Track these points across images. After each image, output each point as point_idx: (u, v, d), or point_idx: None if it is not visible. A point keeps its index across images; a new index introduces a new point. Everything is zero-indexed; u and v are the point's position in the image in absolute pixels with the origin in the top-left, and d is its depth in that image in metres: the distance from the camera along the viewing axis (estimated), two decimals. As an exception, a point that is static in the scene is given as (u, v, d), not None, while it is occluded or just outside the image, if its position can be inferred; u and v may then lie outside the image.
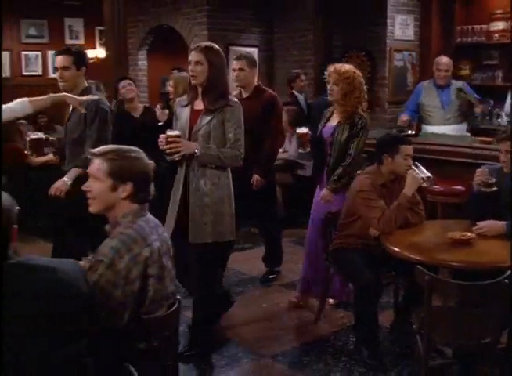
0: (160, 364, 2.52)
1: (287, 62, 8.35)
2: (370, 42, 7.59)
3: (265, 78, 8.34)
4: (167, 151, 3.55)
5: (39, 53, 9.72)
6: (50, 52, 9.74)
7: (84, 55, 4.48)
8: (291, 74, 7.40)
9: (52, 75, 9.80)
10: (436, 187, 4.92)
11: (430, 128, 6.13)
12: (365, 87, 4.36)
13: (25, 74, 9.36)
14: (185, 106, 3.76)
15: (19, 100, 3.70)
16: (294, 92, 7.22)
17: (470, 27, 7.61)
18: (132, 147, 2.54)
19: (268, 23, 8.41)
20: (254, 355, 3.94)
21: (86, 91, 4.21)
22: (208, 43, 3.76)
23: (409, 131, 5.73)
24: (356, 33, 7.73)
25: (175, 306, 2.57)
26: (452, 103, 6.08)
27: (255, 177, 4.92)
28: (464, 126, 6.24)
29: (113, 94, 5.80)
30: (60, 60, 4.20)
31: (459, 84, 6.22)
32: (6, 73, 9.15)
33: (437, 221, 4.56)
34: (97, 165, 2.40)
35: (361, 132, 4.23)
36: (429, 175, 3.83)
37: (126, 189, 2.40)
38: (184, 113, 3.74)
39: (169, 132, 3.57)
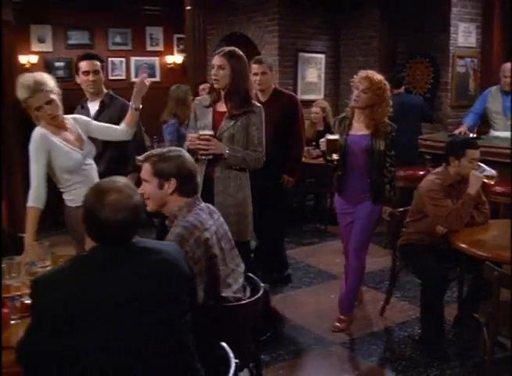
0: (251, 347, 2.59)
1: (352, 67, 8.28)
2: (434, 49, 7.47)
3: (331, 83, 8.35)
4: (200, 151, 3.46)
5: (123, 59, 9.96)
6: (133, 58, 10.02)
7: (104, 61, 4.31)
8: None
9: (134, 79, 10.07)
10: (498, 188, 4.85)
11: (495, 133, 6.00)
12: (390, 100, 3.98)
13: (111, 78, 9.57)
14: (207, 107, 3.67)
15: (118, 129, 3.66)
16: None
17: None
18: (172, 147, 2.70)
19: (334, 31, 8.38)
20: (324, 342, 3.99)
21: (108, 95, 4.09)
22: (231, 48, 3.64)
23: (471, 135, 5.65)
24: (420, 40, 7.63)
25: (261, 292, 2.64)
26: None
27: (285, 176, 4.73)
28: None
29: (193, 96, 5.91)
30: (92, 64, 4.03)
31: None
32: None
33: (501, 220, 4.48)
34: (144, 169, 2.57)
35: (394, 140, 3.98)
36: (493, 172, 3.81)
37: (171, 185, 2.52)
38: (207, 115, 3.65)
39: (202, 132, 3.50)
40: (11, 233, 3.56)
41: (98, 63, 4.05)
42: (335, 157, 3.91)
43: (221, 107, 3.61)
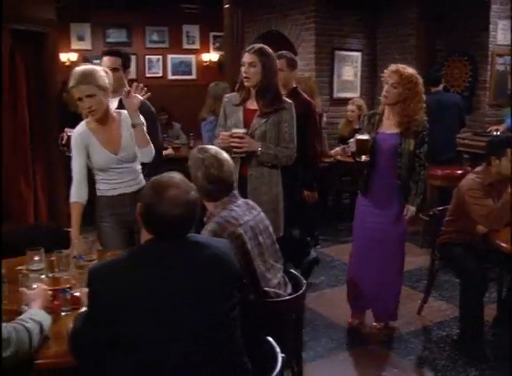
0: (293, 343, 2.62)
1: (389, 66, 8.24)
2: (472, 47, 7.37)
3: (367, 81, 8.30)
4: (234, 149, 3.43)
5: (160, 57, 10.08)
6: (169, 56, 10.12)
7: (129, 58, 4.24)
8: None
9: (170, 77, 10.19)
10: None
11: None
12: (424, 96, 3.78)
13: (148, 75, 9.71)
14: (237, 105, 3.65)
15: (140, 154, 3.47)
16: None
17: None
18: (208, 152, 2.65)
19: (371, 28, 8.33)
20: (361, 340, 3.99)
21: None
22: (261, 45, 3.62)
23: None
24: (458, 38, 7.54)
25: (303, 288, 2.66)
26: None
27: (306, 193, 4.53)
28: None
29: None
30: (111, 61, 3.96)
31: None
32: (133, 75, 9.54)
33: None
34: None
35: (426, 139, 3.80)
36: None
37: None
38: (237, 113, 3.63)
39: (234, 130, 3.49)
40: (57, 227, 3.62)
41: (118, 60, 3.99)
42: (365, 158, 3.73)
43: (252, 105, 3.61)
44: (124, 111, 3.37)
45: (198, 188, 2.40)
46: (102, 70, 3.31)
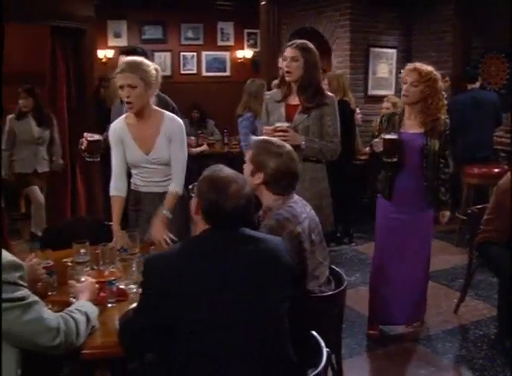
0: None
1: (425, 63, 8.16)
2: (510, 44, 7.26)
3: (402, 78, 8.22)
4: None
5: (194, 54, 10.14)
6: (204, 53, 10.17)
7: (147, 54, 4.06)
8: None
9: (204, 74, 10.24)
10: None
11: None
12: (444, 93, 3.69)
13: (182, 72, 9.77)
14: (279, 101, 3.63)
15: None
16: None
17: None
18: (283, 145, 2.65)
19: (406, 25, 8.25)
20: (397, 337, 3.98)
21: None
22: (303, 40, 3.59)
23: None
24: (495, 34, 7.43)
25: (345, 284, 2.67)
26: None
27: None
28: None
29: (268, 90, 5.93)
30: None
31: None
32: (168, 72, 9.62)
33: None
34: (249, 151, 2.66)
35: (448, 139, 3.72)
36: None
37: (259, 177, 2.56)
38: (279, 109, 3.62)
39: (278, 124, 3.44)
40: (97, 221, 3.67)
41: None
42: (395, 159, 3.59)
43: (293, 101, 3.60)
44: (168, 114, 3.37)
45: (266, 177, 2.50)
46: (153, 66, 3.28)
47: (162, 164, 3.35)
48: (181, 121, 3.39)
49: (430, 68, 3.65)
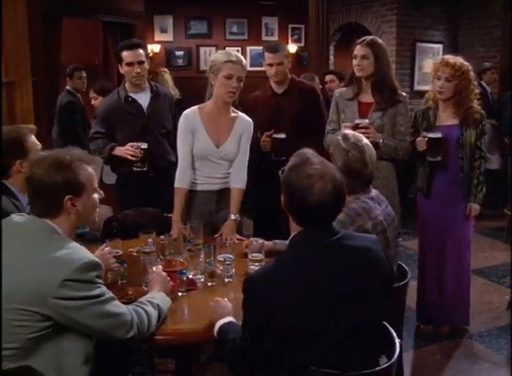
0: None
1: (472, 58, 7.99)
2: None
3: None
4: None
5: (239, 48, 10.13)
6: (248, 48, 10.19)
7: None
8: (483, 66, 7.09)
9: (249, 68, 10.21)
10: None
11: None
12: (475, 82, 3.62)
13: (227, 67, 9.81)
14: (350, 99, 3.61)
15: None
16: (483, 83, 6.90)
17: None
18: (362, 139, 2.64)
19: (453, 20, 8.15)
20: (450, 334, 3.93)
21: (153, 85, 4.03)
22: (373, 37, 3.60)
23: None
24: (546, 29, 7.29)
25: (408, 277, 2.68)
26: None
27: None
28: None
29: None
30: (137, 55, 3.81)
31: None
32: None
33: None
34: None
35: (485, 130, 3.64)
36: None
37: None
38: (351, 107, 3.59)
39: (358, 120, 3.40)
40: (158, 212, 3.71)
41: (142, 52, 3.86)
42: (439, 158, 3.54)
43: (365, 98, 3.58)
44: (244, 117, 3.36)
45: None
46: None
47: (228, 160, 3.33)
48: (250, 120, 3.38)
49: (460, 60, 3.54)
